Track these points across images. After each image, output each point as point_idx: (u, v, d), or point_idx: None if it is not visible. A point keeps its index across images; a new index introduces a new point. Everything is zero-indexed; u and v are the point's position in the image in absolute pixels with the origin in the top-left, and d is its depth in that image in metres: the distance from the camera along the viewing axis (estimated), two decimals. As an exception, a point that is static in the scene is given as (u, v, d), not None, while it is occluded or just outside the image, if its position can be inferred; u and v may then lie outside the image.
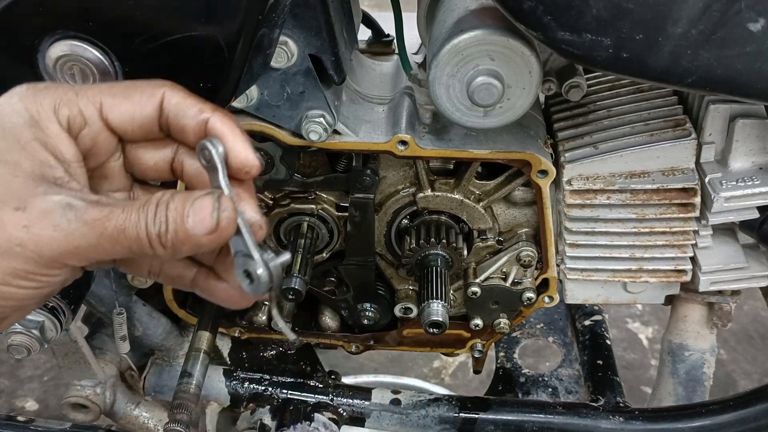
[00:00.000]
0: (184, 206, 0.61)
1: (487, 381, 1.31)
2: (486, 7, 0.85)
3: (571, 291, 1.04)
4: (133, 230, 0.61)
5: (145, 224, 0.61)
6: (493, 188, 0.99)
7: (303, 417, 1.08)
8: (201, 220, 0.61)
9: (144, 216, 0.61)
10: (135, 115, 0.64)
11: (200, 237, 0.61)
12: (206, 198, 0.61)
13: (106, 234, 0.60)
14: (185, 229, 0.61)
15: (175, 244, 0.61)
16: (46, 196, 0.59)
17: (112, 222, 0.60)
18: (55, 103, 0.62)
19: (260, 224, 0.66)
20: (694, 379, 1.12)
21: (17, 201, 0.58)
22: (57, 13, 0.76)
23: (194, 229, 0.61)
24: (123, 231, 0.60)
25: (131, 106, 0.64)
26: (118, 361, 1.16)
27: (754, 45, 0.70)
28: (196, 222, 0.61)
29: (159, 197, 0.62)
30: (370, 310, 1.10)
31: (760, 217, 0.93)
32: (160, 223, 0.61)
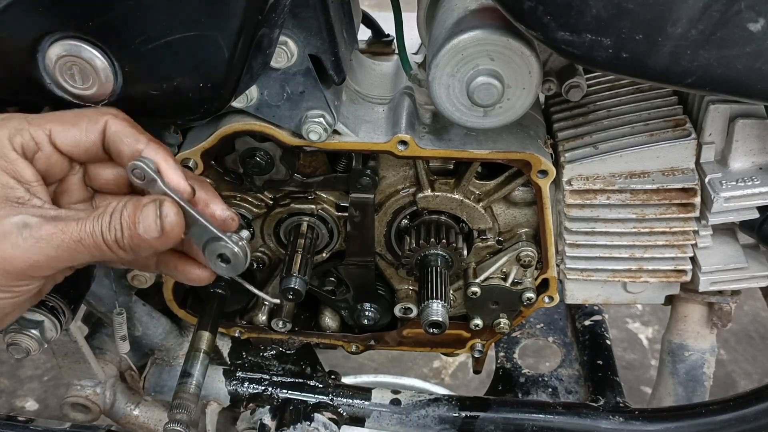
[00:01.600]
0: (135, 213, 0.69)
1: (487, 381, 1.31)
2: (486, 7, 0.85)
3: (571, 291, 1.04)
4: (89, 239, 0.68)
5: (101, 232, 0.68)
6: (493, 188, 0.99)
7: (303, 417, 1.08)
8: (148, 225, 0.69)
9: (99, 225, 0.69)
10: (80, 140, 0.72)
11: (152, 241, 0.69)
12: (150, 206, 0.69)
13: (63, 246, 0.67)
14: (138, 235, 0.69)
15: (132, 247, 0.69)
16: (5, 219, 0.66)
17: (68, 234, 0.68)
18: (9, 133, 0.70)
19: (232, 217, 0.76)
20: (694, 379, 1.12)
21: None
22: (57, 13, 0.77)
23: (145, 234, 0.69)
24: (80, 241, 0.68)
25: (77, 133, 0.72)
26: (118, 361, 1.16)
27: (754, 45, 0.70)
28: (146, 228, 0.69)
29: (113, 206, 0.70)
30: (370, 310, 1.10)
31: (760, 217, 0.93)
32: (115, 230, 0.68)
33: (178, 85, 0.81)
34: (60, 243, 0.67)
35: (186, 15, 0.76)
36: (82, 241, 0.68)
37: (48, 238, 0.67)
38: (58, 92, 0.81)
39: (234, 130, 0.91)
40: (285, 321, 1.09)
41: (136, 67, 0.79)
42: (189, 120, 0.91)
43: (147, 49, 0.78)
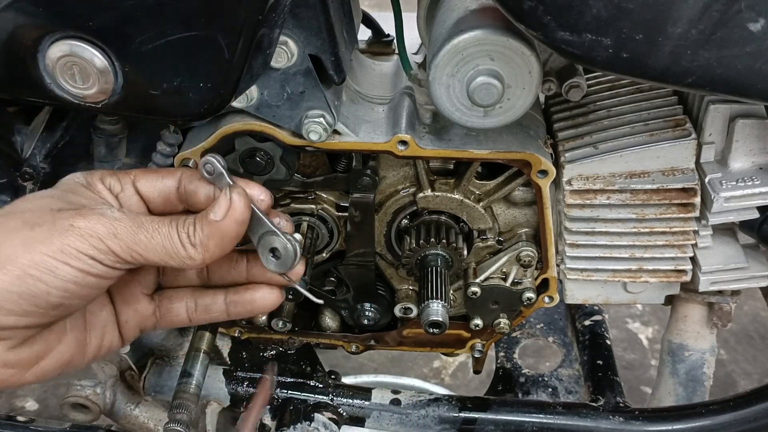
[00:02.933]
0: (206, 211, 0.77)
1: (487, 381, 1.31)
2: (486, 7, 0.85)
3: (571, 291, 1.04)
4: (165, 228, 0.76)
5: (176, 225, 0.76)
6: (493, 188, 0.99)
7: (303, 417, 1.08)
8: (219, 207, 0.76)
9: (176, 220, 0.77)
10: (158, 184, 0.82)
11: (221, 223, 0.76)
12: (221, 196, 0.77)
13: (144, 227, 0.75)
14: (208, 221, 0.76)
15: (202, 241, 0.76)
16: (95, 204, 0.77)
17: (149, 219, 0.76)
18: (101, 174, 0.82)
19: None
20: (694, 379, 1.12)
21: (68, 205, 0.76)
22: (57, 13, 0.77)
23: (215, 216, 0.76)
24: (158, 227, 0.75)
25: (156, 178, 0.83)
26: (118, 361, 1.16)
27: (754, 45, 0.70)
28: (216, 211, 0.76)
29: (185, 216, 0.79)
30: (370, 310, 1.10)
31: (760, 217, 0.93)
32: (189, 224, 0.76)
33: (178, 85, 0.81)
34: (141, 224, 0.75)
35: (186, 15, 0.76)
36: (160, 229, 0.75)
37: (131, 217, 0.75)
38: (58, 92, 0.81)
39: (234, 130, 0.91)
40: (285, 321, 1.09)
41: (136, 67, 0.79)
42: (189, 120, 0.91)
43: (147, 49, 0.78)
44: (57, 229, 0.72)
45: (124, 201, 0.81)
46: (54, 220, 0.73)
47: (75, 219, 0.73)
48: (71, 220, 0.73)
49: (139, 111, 0.84)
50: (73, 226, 0.72)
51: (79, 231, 0.72)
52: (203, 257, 0.76)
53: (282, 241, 0.79)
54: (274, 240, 0.79)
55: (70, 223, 0.72)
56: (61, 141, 0.98)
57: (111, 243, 0.73)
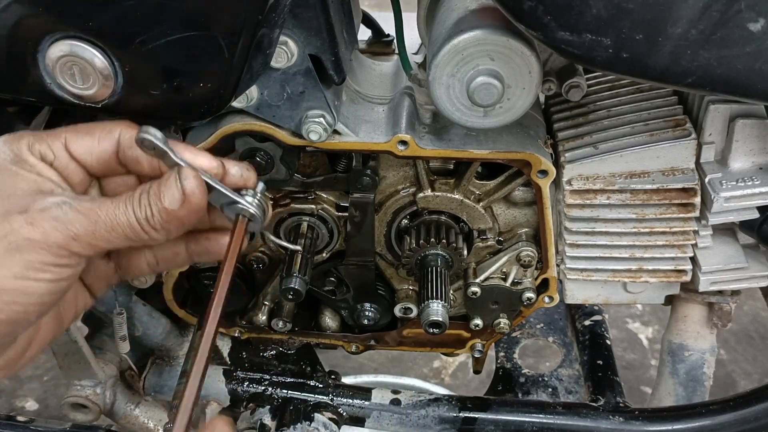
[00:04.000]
0: (159, 188, 0.71)
1: (487, 381, 1.31)
2: (486, 7, 0.85)
3: (571, 291, 1.04)
4: (123, 217, 0.71)
5: (133, 210, 0.71)
6: (493, 188, 0.99)
7: (303, 417, 1.08)
8: (171, 194, 0.71)
9: (131, 203, 0.71)
10: (94, 148, 0.75)
11: (177, 211, 0.71)
12: (170, 177, 0.72)
13: (101, 221, 0.70)
14: (164, 208, 0.71)
15: (162, 224, 0.72)
16: (44, 199, 0.69)
17: (104, 210, 0.70)
18: (28, 142, 0.73)
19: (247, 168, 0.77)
20: (694, 379, 1.12)
21: (20, 207, 0.69)
22: (57, 13, 0.77)
23: (171, 205, 0.71)
24: (115, 218, 0.70)
25: (91, 140, 0.75)
26: (118, 361, 1.16)
27: (754, 45, 0.70)
28: (170, 198, 0.71)
29: (142, 187, 0.73)
30: (370, 310, 1.10)
31: (760, 217, 0.94)
32: (145, 207, 0.71)
33: (178, 85, 0.81)
34: (98, 218, 0.70)
35: (186, 15, 0.76)
36: (117, 218, 0.71)
37: (86, 212, 0.70)
38: (58, 92, 0.81)
39: (234, 130, 0.91)
40: (285, 321, 1.09)
41: (136, 67, 0.79)
42: (189, 120, 0.91)
43: (147, 49, 0.78)
44: (12, 246, 0.67)
45: (60, 169, 0.74)
46: (4, 234, 0.67)
47: (27, 230, 0.67)
48: (23, 232, 0.67)
49: (139, 111, 0.84)
50: (28, 239, 0.67)
51: (36, 244, 0.68)
52: (167, 236, 0.73)
53: (246, 208, 0.74)
54: (239, 209, 0.75)
55: (23, 236, 0.67)
56: (61, 141, 0.98)
57: (72, 247, 0.69)
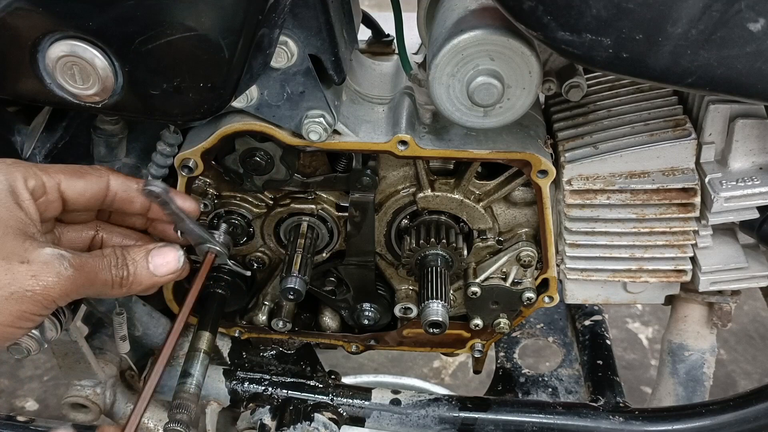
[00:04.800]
0: (146, 256, 0.81)
1: (487, 381, 1.31)
2: (486, 7, 0.85)
3: (571, 291, 1.04)
4: (102, 274, 0.78)
5: (109, 269, 0.78)
6: (493, 188, 0.99)
7: (303, 417, 1.08)
8: (166, 263, 0.82)
9: (108, 263, 0.79)
10: (86, 191, 0.82)
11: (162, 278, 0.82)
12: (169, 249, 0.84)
13: (88, 277, 0.76)
14: (148, 273, 0.81)
15: (132, 285, 0.80)
16: (40, 249, 0.73)
17: (89, 267, 0.76)
18: (24, 175, 0.77)
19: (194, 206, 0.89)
20: (694, 379, 1.12)
21: (18, 256, 0.72)
22: (57, 13, 0.77)
23: (158, 271, 0.82)
24: (96, 274, 0.77)
25: (84, 184, 0.82)
26: (118, 361, 1.16)
27: (754, 45, 0.70)
28: (159, 266, 0.82)
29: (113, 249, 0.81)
30: (370, 310, 1.10)
31: (760, 217, 0.94)
32: (123, 270, 0.80)
33: (178, 85, 0.81)
34: (86, 274, 0.76)
35: (186, 15, 0.76)
36: (98, 275, 0.77)
37: (79, 268, 0.75)
38: (58, 92, 0.81)
39: (234, 130, 0.91)
40: (285, 321, 1.09)
41: (136, 67, 0.79)
42: (189, 120, 0.91)
43: (147, 49, 0.78)
44: (14, 296, 0.70)
45: (42, 205, 0.79)
46: (10, 280, 0.71)
47: (30, 283, 0.71)
48: (26, 284, 0.71)
49: (139, 111, 0.84)
50: (30, 291, 0.71)
51: (35, 296, 0.71)
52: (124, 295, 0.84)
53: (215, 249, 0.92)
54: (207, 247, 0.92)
55: (25, 288, 0.71)
56: (61, 141, 0.98)
57: (61, 301, 0.74)
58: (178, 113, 0.85)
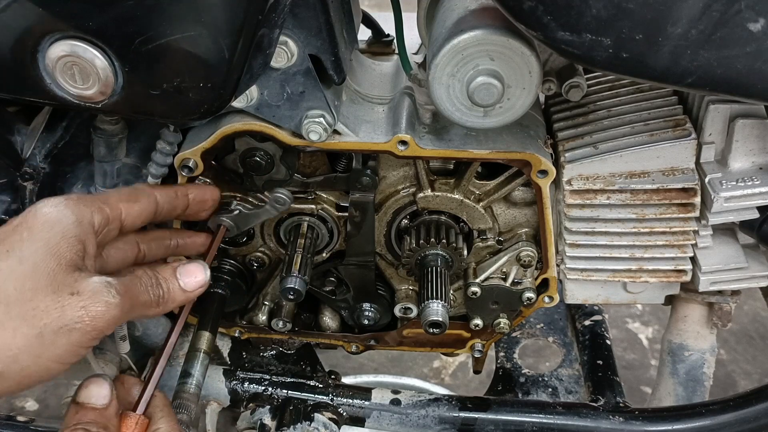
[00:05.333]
0: (174, 274, 0.83)
1: (487, 381, 1.31)
2: (486, 7, 0.85)
3: (571, 291, 1.04)
4: (143, 296, 0.79)
5: (146, 289, 0.79)
6: (493, 188, 0.99)
7: (303, 417, 1.08)
8: (195, 279, 0.83)
9: (145, 284, 0.80)
10: (142, 213, 0.85)
11: (193, 292, 0.84)
12: (194, 264, 0.85)
13: (131, 302, 0.76)
14: (180, 290, 0.82)
15: (168, 303, 0.82)
16: (89, 279, 0.73)
17: (132, 291, 0.77)
18: (92, 210, 0.79)
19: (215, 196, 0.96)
20: (694, 379, 1.12)
21: (69, 287, 0.72)
22: (57, 13, 0.77)
23: (188, 287, 0.83)
24: (138, 297, 0.78)
25: (139, 208, 0.85)
26: (118, 361, 1.16)
27: (754, 45, 0.70)
28: (188, 283, 0.83)
29: (144, 270, 0.82)
30: (370, 310, 1.10)
31: (760, 217, 0.94)
32: (158, 287, 0.81)
33: (178, 85, 0.81)
34: (130, 299, 0.76)
35: (186, 15, 0.76)
36: (139, 298, 0.78)
37: (124, 295, 0.75)
38: (58, 92, 0.81)
39: (234, 130, 0.91)
40: (285, 321, 1.09)
41: (137, 67, 0.79)
42: (189, 120, 0.91)
43: (147, 49, 0.78)
44: (64, 328, 0.70)
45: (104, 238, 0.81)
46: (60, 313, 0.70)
47: (80, 314, 0.71)
48: (76, 315, 0.71)
49: (139, 111, 0.84)
50: (80, 323, 0.71)
51: (84, 328, 0.71)
52: (160, 314, 0.83)
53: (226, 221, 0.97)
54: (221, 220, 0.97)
55: (75, 320, 0.71)
56: (61, 141, 0.98)
57: (108, 331, 0.73)
58: (178, 113, 0.85)
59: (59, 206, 0.76)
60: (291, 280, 0.96)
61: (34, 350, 0.70)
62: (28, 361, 0.70)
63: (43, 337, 0.70)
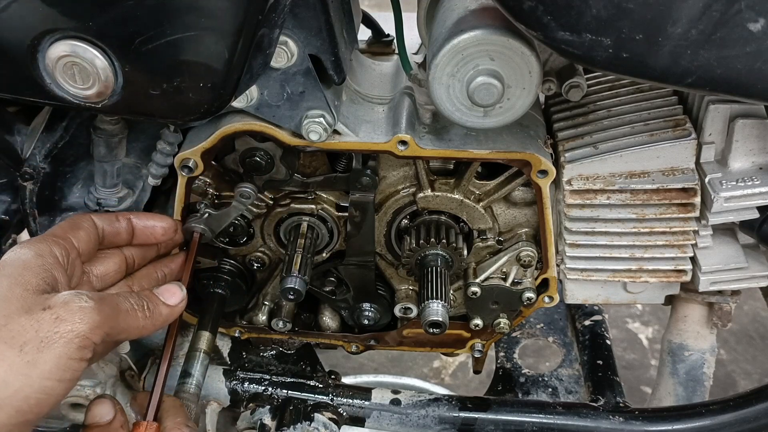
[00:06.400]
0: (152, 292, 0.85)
1: (487, 381, 1.31)
2: (486, 7, 0.85)
3: (571, 291, 1.04)
4: (123, 304, 0.79)
5: (126, 299, 0.80)
6: (493, 188, 0.99)
7: (303, 417, 1.08)
8: (172, 294, 0.86)
9: (125, 295, 0.81)
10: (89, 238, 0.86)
11: (175, 307, 0.86)
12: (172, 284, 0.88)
13: (111, 307, 0.77)
14: (162, 303, 0.84)
15: (154, 314, 0.83)
16: (57, 294, 0.74)
17: (109, 298, 0.78)
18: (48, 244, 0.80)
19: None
20: (694, 379, 1.12)
21: (39, 305, 0.73)
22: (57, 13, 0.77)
23: (169, 301, 0.85)
24: (117, 304, 0.78)
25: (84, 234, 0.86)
26: (118, 361, 1.16)
27: (754, 45, 0.70)
28: (168, 297, 0.85)
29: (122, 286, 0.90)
30: (370, 310, 1.10)
31: (760, 217, 0.94)
32: (140, 298, 0.82)
33: (178, 85, 0.80)
34: (110, 306, 0.77)
35: (186, 15, 0.76)
36: (119, 306, 0.79)
37: (100, 301, 0.76)
38: (58, 92, 0.81)
39: (234, 130, 0.91)
40: (285, 321, 1.09)
41: (136, 67, 0.79)
42: (189, 120, 0.91)
43: (147, 49, 0.78)
44: (44, 343, 0.70)
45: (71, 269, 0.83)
46: (36, 328, 0.71)
47: (56, 325, 0.71)
48: (53, 327, 0.71)
49: (139, 111, 0.84)
50: (57, 332, 0.71)
51: (65, 336, 0.71)
52: (151, 327, 0.84)
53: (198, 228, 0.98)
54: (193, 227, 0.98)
55: (53, 331, 0.71)
56: (61, 141, 0.98)
57: (94, 336, 0.73)
58: (178, 113, 0.85)
59: (17, 249, 0.78)
60: (291, 280, 0.96)
61: (20, 370, 0.69)
62: (18, 383, 0.69)
63: (25, 354, 0.69)
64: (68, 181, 1.01)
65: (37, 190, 0.98)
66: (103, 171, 0.98)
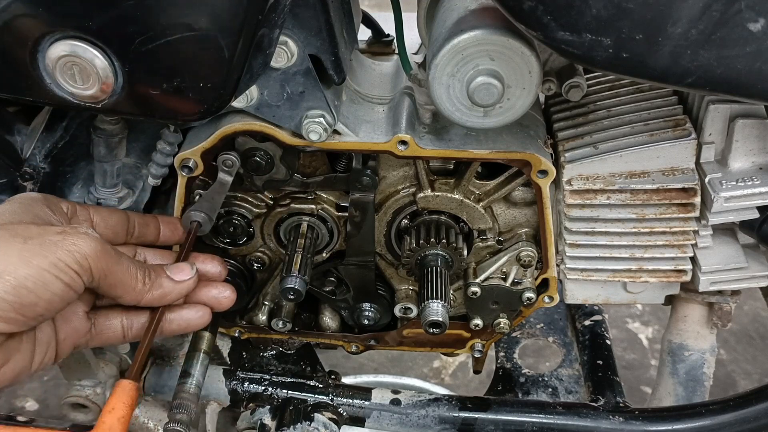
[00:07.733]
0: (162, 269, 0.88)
1: (487, 381, 1.31)
2: (486, 7, 0.85)
3: (571, 291, 1.04)
4: (134, 270, 0.84)
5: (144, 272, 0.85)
6: (493, 188, 0.99)
7: (303, 417, 1.08)
8: (181, 270, 0.89)
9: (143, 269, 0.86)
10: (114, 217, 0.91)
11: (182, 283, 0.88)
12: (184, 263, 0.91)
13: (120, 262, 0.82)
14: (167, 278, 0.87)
15: (154, 285, 0.86)
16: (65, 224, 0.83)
17: (124, 256, 0.83)
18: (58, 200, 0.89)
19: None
20: (694, 379, 1.12)
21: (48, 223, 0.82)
22: (57, 13, 0.77)
23: (176, 276, 0.88)
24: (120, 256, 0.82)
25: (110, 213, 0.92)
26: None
27: (754, 45, 0.70)
28: (175, 274, 0.88)
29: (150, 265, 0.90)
30: (370, 310, 1.10)
31: (760, 217, 0.94)
32: (143, 266, 0.86)
33: (178, 85, 0.81)
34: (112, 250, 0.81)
35: (186, 15, 0.76)
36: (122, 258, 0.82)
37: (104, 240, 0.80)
38: (58, 92, 0.81)
39: (234, 130, 0.91)
40: (285, 321, 1.09)
41: (136, 67, 0.79)
42: (189, 120, 0.91)
43: (147, 49, 0.78)
44: (48, 242, 0.76)
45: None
46: (42, 233, 0.77)
47: (61, 238, 0.77)
48: (58, 238, 0.76)
49: (139, 111, 0.84)
50: (64, 240, 0.76)
51: (65, 247, 0.76)
52: (151, 301, 0.87)
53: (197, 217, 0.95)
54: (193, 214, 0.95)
55: (60, 238, 0.76)
56: (61, 141, 0.98)
57: (92, 263, 0.77)
58: (178, 113, 0.85)
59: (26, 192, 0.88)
60: (291, 280, 0.96)
61: (21, 253, 0.74)
62: (17, 261, 0.73)
63: (28, 245, 0.75)
64: (68, 181, 1.01)
65: (37, 190, 0.98)
66: (103, 171, 0.98)
